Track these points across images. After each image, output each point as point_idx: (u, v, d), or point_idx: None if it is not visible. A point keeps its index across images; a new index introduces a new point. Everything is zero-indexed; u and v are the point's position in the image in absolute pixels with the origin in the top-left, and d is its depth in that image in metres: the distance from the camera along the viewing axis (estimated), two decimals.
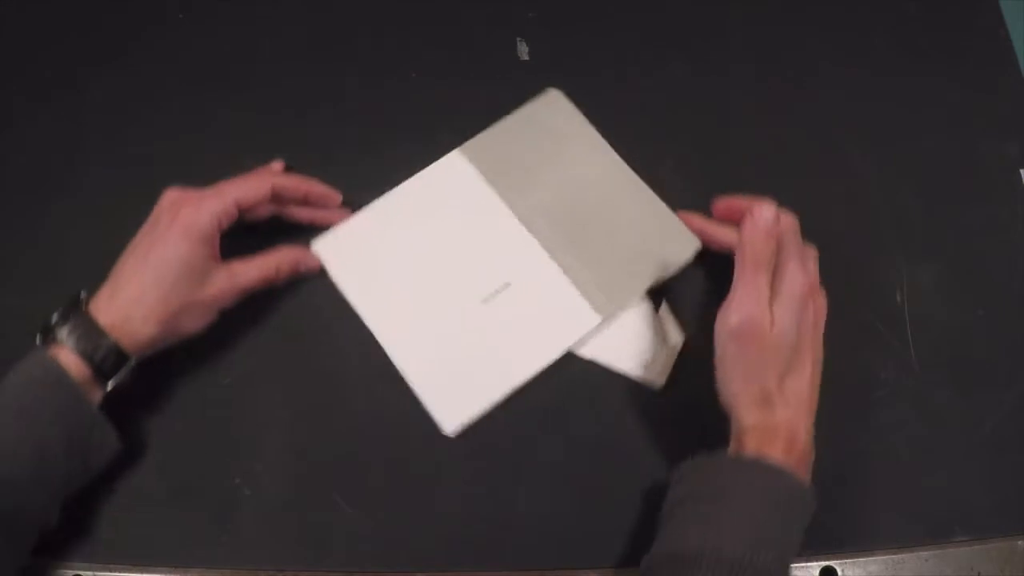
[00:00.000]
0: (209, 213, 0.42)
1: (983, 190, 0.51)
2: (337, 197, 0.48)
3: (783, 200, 0.49)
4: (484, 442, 0.44)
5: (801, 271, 0.40)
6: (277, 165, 0.48)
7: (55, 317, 0.40)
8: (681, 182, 0.50)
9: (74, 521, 0.42)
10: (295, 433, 0.44)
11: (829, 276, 0.48)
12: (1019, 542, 0.43)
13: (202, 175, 0.44)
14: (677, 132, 0.51)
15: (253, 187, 0.44)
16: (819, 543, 0.43)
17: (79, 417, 0.39)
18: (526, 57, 0.53)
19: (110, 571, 0.42)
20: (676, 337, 0.46)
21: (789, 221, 0.42)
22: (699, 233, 0.47)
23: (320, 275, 0.47)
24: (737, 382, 0.39)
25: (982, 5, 0.56)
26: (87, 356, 0.39)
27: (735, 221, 0.44)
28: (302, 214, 0.47)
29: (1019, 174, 0.51)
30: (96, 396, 0.40)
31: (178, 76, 0.53)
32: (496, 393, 0.44)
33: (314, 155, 0.50)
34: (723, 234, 0.46)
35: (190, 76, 0.53)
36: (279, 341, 0.46)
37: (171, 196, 0.43)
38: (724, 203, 0.46)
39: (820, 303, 0.41)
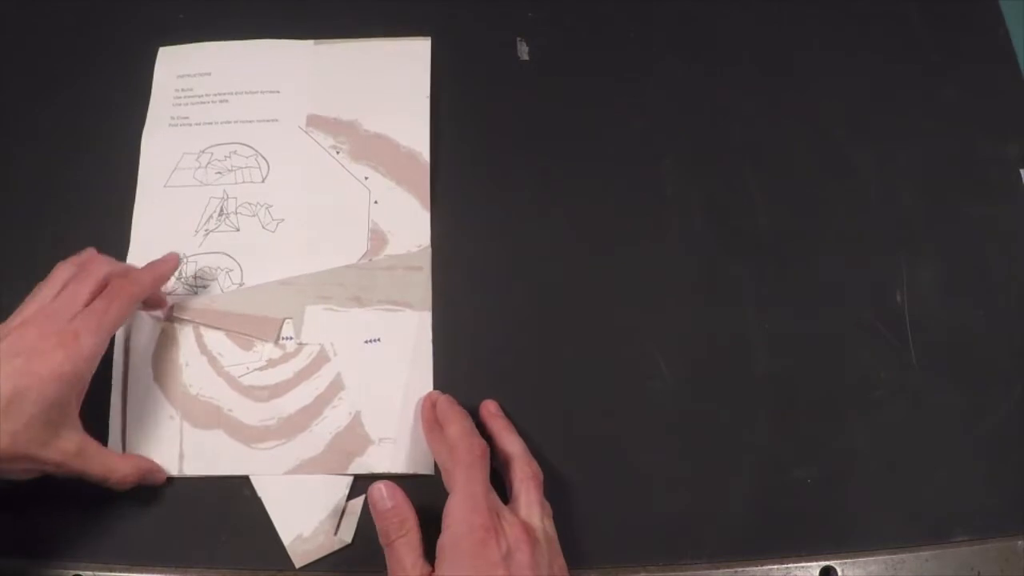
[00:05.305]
0: (90, 355, 0.37)
1: (983, 190, 0.51)
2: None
3: (783, 200, 0.50)
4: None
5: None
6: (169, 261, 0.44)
7: None
8: (681, 182, 0.50)
9: (74, 521, 0.42)
10: None
11: (830, 276, 0.48)
12: (1019, 542, 0.43)
13: None
14: (677, 132, 0.51)
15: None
16: (819, 543, 0.43)
17: None
18: (526, 57, 0.53)
19: (110, 571, 0.42)
20: (345, 533, 0.42)
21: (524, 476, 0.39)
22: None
23: None
24: None
25: (982, 5, 0.56)
26: None
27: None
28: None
29: (1019, 174, 0.51)
30: None
31: None
32: None
33: None
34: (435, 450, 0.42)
35: None
36: None
37: (34, 332, 0.37)
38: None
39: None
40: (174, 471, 0.43)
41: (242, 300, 0.46)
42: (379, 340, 0.45)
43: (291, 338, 0.45)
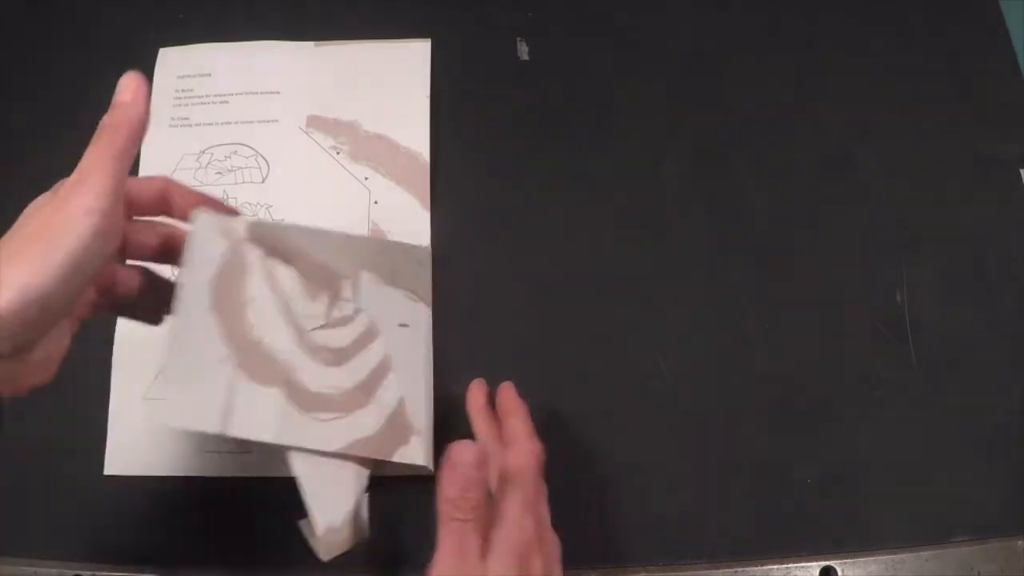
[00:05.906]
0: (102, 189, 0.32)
1: (983, 190, 0.51)
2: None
3: (783, 201, 0.50)
4: None
5: (522, 520, 0.33)
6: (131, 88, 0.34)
7: None
8: (681, 182, 0.50)
9: (74, 521, 0.42)
10: None
11: (830, 276, 0.48)
12: (1019, 542, 0.43)
13: None
14: (677, 132, 0.51)
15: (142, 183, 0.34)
16: (819, 543, 0.43)
17: None
18: (526, 57, 0.53)
19: (110, 571, 0.42)
20: (365, 527, 0.38)
21: (522, 455, 0.35)
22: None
23: None
24: None
25: (982, 5, 0.56)
26: None
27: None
28: None
29: (1019, 174, 0.51)
30: None
31: None
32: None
33: None
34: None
35: None
36: None
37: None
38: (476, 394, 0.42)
39: (550, 549, 0.34)
40: (214, 429, 0.35)
41: (315, 241, 0.40)
42: (408, 327, 0.42)
43: (350, 300, 0.40)
